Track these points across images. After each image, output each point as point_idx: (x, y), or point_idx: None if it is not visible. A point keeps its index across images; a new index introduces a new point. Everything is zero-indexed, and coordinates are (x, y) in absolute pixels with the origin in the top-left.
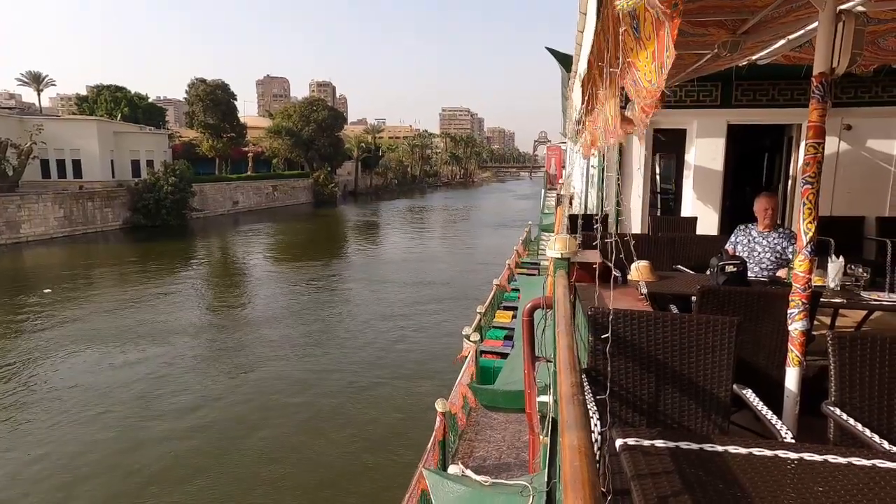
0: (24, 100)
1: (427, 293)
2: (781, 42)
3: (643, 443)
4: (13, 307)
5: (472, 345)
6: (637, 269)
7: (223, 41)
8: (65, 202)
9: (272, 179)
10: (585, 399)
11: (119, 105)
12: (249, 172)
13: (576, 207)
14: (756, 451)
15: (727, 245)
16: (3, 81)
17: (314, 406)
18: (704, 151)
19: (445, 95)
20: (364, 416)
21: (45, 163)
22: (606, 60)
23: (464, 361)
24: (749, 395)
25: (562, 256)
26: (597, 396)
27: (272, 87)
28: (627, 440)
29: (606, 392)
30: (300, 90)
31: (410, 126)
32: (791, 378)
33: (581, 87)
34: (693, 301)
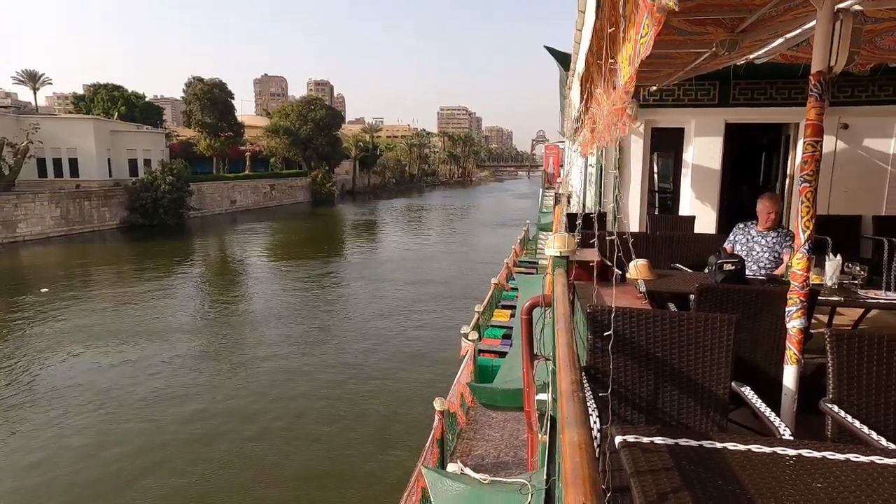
0: (21, 98)
1: (425, 292)
2: (779, 41)
3: (642, 440)
4: (10, 306)
5: (471, 344)
6: (636, 268)
7: (223, 41)
8: (61, 201)
9: (270, 178)
10: (585, 396)
11: (116, 104)
12: (247, 171)
13: (574, 206)
14: (755, 448)
15: (725, 243)
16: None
17: (311, 405)
18: (702, 150)
19: (443, 95)
20: (362, 415)
21: (42, 162)
22: (604, 58)
23: (463, 360)
24: (747, 393)
25: (561, 255)
26: (597, 394)
27: (270, 86)
28: (627, 437)
29: (607, 390)
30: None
31: (408, 125)
32: (789, 375)
33: (580, 86)
34: (691, 299)
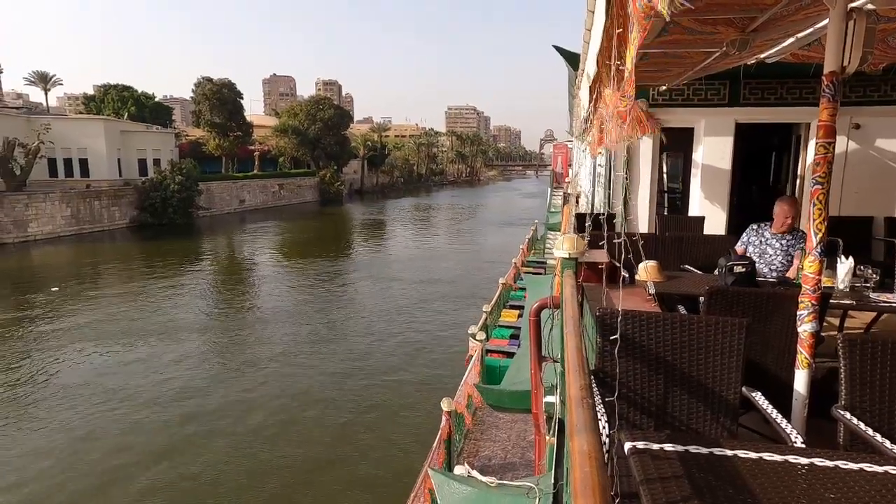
0: (32, 99)
1: (433, 291)
2: (790, 40)
3: (652, 446)
4: (21, 305)
5: (478, 344)
6: (645, 269)
7: (224, 41)
8: (72, 201)
9: (278, 178)
10: (594, 402)
11: (126, 104)
12: (256, 171)
13: (582, 206)
14: (766, 456)
15: (738, 245)
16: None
17: (317, 404)
18: (712, 150)
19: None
20: (368, 414)
21: (53, 162)
22: (612, 59)
23: (470, 361)
24: (758, 398)
25: (570, 256)
26: (605, 399)
27: (278, 86)
28: (636, 443)
29: (615, 394)
30: (306, 89)
31: (416, 124)
32: (800, 380)
33: (589, 87)
34: (701, 301)
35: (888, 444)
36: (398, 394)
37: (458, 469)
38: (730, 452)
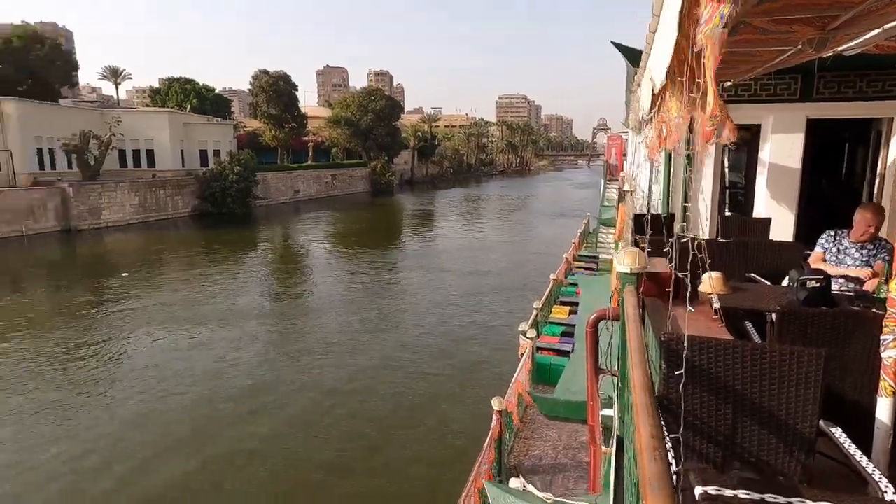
0: (104, 93)
1: (483, 283)
2: (875, 31)
3: (725, 493)
4: (98, 289)
5: (529, 341)
6: (709, 281)
7: (279, 32)
8: (139, 190)
9: (331, 168)
10: (665, 446)
11: (188, 96)
12: (310, 162)
13: (638, 202)
14: None
15: (816, 249)
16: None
17: (366, 398)
18: (780, 148)
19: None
20: (418, 408)
21: (122, 153)
22: (686, 74)
23: (521, 358)
24: (837, 434)
25: (631, 272)
26: (670, 435)
27: (332, 77)
28: (708, 489)
29: (681, 427)
30: (358, 80)
31: (466, 114)
32: (883, 410)
33: (651, 93)
34: (770, 317)
35: None
36: (445, 388)
37: (514, 482)
38: (810, 503)
